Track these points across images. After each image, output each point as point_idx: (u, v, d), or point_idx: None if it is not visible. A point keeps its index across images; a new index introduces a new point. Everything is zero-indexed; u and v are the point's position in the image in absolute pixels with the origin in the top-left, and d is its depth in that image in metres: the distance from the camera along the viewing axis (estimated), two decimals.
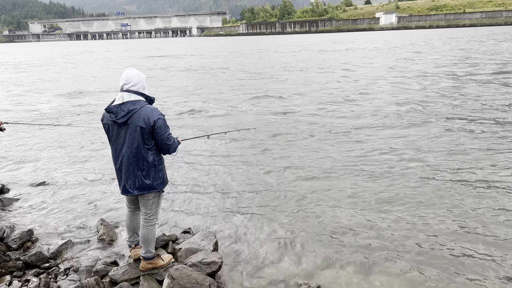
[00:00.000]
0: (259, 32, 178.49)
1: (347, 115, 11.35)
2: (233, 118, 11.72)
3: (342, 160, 7.42)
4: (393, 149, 7.96)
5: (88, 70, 29.96)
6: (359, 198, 5.75)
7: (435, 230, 4.81)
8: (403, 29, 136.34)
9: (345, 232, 4.84)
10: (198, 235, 4.65)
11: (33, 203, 6.00)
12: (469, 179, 6.27)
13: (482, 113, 10.81)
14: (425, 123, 9.97)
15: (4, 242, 4.64)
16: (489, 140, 8.25)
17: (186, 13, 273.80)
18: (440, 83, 16.42)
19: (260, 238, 4.80)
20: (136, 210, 3.98)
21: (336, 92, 15.59)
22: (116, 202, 5.96)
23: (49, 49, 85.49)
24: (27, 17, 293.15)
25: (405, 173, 6.63)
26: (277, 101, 14.17)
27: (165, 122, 3.54)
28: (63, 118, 12.37)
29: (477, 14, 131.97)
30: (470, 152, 7.58)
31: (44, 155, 8.52)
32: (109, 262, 4.18)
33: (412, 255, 4.32)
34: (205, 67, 29.43)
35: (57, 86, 20.89)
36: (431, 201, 5.56)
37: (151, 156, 3.55)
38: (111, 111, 3.46)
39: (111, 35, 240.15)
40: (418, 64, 24.49)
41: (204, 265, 3.85)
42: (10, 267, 4.03)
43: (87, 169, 7.52)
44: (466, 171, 6.63)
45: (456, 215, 5.16)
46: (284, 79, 20.39)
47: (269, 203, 5.75)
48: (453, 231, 4.76)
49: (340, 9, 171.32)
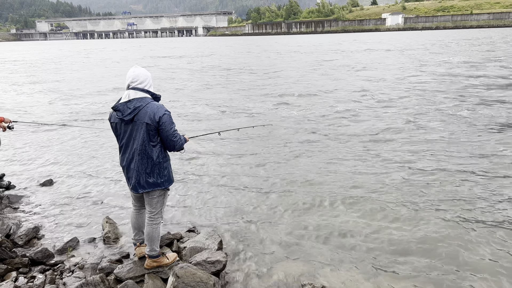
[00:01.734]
0: (265, 32, 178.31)
1: (372, 120, 10.66)
2: (247, 116, 11.65)
3: (357, 164, 7.28)
4: (404, 155, 7.93)
5: (108, 70, 30.04)
6: (367, 201, 5.71)
7: (444, 234, 4.78)
8: (409, 30, 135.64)
9: (351, 234, 4.82)
10: (202, 234, 4.66)
11: (39, 200, 6.04)
12: (482, 184, 6.24)
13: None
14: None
15: (11, 239, 4.68)
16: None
17: (192, 13, 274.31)
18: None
19: (265, 238, 4.80)
20: (142, 209, 4.00)
21: (366, 93, 14.90)
22: (122, 200, 5.98)
23: (62, 47, 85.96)
24: (34, 16, 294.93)
25: (417, 179, 6.60)
26: (299, 100, 13.87)
27: (171, 118, 3.54)
28: (73, 118, 12.44)
29: (485, 16, 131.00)
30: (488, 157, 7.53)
31: (51, 153, 8.57)
32: (114, 260, 4.21)
33: (419, 258, 4.29)
34: (225, 67, 29.21)
35: (70, 86, 21.02)
36: (440, 205, 5.53)
37: (156, 153, 3.56)
38: (117, 109, 3.49)
39: (118, 34, 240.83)
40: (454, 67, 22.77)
41: (209, 264, 3.86)
42: (16, 263, 4.06)
43: (93, 167, 7.56)
44: (481, 176, 6.60)
45: (466, 219, 5.13)
46: (312, 79, 19.93)
47: (276, 203, 5.74)
48: (462, 234, 4.73)
49: (346, 9, 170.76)
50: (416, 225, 4.95)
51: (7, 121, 5.95)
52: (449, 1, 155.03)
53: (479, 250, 4.39)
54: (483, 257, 4.25)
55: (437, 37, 68.30)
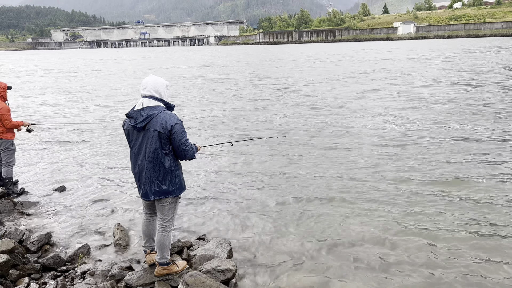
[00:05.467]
0: (276, 41, 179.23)
1: (390, 132, 10.14)
2: (262, 126, 11.59)
3: (368, 178, 7.16)
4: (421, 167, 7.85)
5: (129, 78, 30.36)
6: (379, 214, 5.64)
7: (453, 247, 4.71)
8: (421, 38, 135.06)
9: (362, 247, 4.75)
10: (212, 242, 4.66)
11: (52, 206, 6.11)
12: (492, 197, 6.14)
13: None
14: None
15: (23, 245, 4.73)
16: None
17: (204, 22, 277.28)
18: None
19: (275, 248, 4.77)
20: (153, 216, 4.02)
21: (395, 104, 14.38)
22: (133, 207, 6.02)
23: (81, 56, 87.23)
24: (50, 25, 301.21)
25: (429, 191, 6.53)
26: (316, 112, 13.56)
27: (183, 128, 3.58)
28: (88, 125, 12.61)
29: (498, 24, 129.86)
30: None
31: (64, 160, 8.68)
32: (125, 267, 4.22)
33: (428, 270, 4.22)
34: (241, 77, 29.27)
35: (89, 92, 21.34)
36: (450, 217, 5.45)
37: (168, 161, 3.59)
38: (131, 116, 3.54)
39: (131, 43, 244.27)
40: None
41: (218, 272, 3.85)
42: (29, 269, 4.10)
43: (105, 174, 7.63)
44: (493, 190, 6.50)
45: (475, 231, 5.05)
46: (336, 89, 19.63)
47: (286, 214, 5.71)
48: (471, 246, 4.65)
49: (357, 18, 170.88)
50: (433, 239, 4.86)
51: (26, 124, 6.42)
52: (461, 10, 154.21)
53: (491, 266, 4.30)
54: (501, 275, 4.16)
55: (455, 45, 67.69)
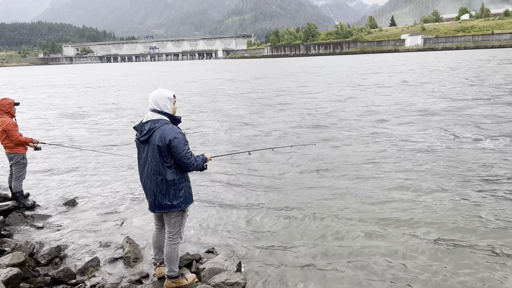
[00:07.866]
0: (283, 54, 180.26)
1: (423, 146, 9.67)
2: (287, 135, 11.53)
3: (381, 189, 7.11)
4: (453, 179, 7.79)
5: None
6: (390, 225, 5.59)
7: (470, 262, 4.64)
8: (429, 50, 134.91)
9: (373, 259, 4.70)
10: (221, 255, 4.64)
11: (63, 220, 6.15)
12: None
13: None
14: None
15: (34, 258, 4.76)
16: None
17: (212, 36, 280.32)
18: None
19: (284, 261, 4.74)
20: (163, 228, 4.03)
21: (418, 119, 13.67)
22: (142, 220, 6.04)
23: (96, 71, 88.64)
24: (61, 41, 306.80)
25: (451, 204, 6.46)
26: (346, 123, 13.26)
27: (183, 141, 3.54)
28: (99, 141, 12.73)
29: (507, 35, 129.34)
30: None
31: (75, 174, 8.76)
32: (134, 280, 4.22)
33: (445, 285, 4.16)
34: (258, 88, 29.51)
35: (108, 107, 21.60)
36: (469, 228, 5.39)
37: (170, 174, 3.60)
38: (137, 129, 3.62)
39: (140, 57, 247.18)
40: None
41: (228, 285, 3.83)
42: (39, 282, 4.12)
43: (115, 188, 7.68)
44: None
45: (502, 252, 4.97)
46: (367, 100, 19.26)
47: (296, 226, 5.67)
48: (488, 259, 4.58)
49: (364, 31, 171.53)
50: (444, 252, 4.81)
51: (35, 142, 6.34)
52: (469, 21, 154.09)
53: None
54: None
55: (464, 56, 67.38)
